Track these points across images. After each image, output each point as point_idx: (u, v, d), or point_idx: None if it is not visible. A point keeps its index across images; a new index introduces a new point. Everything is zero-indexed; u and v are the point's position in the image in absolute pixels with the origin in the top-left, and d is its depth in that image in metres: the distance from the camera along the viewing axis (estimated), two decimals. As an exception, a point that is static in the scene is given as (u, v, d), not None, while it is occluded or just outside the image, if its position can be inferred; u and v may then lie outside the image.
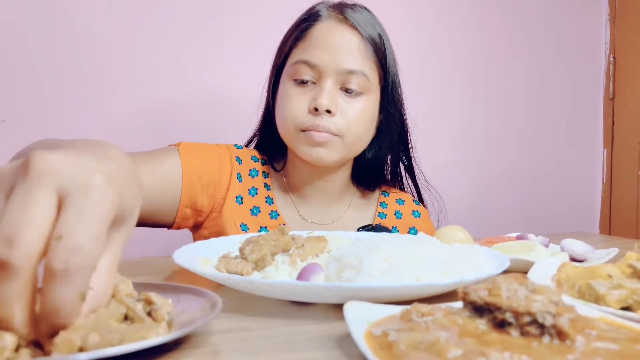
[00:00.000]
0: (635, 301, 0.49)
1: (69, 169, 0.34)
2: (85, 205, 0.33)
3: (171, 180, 0.88)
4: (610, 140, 2.14)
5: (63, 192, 0.34)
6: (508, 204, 1.99)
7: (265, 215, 0.99)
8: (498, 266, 0.59)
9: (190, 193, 0.90)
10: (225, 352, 0.41)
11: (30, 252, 0.31)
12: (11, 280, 0.31)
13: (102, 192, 0.34)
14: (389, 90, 0.98)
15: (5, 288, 0.31)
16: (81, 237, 0.32)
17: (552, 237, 0.89)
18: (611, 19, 2.13)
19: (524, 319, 0.37)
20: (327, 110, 0.90)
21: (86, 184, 0.34)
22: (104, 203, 0.34)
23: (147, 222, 0.88)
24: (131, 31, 1.42)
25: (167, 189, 0.88)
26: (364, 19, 0.94)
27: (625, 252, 0.60)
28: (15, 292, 0.31)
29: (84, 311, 0.35)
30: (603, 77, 2.15)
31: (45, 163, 0.33)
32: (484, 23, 1.92)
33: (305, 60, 0.92)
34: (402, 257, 0.57)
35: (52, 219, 0.33)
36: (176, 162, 0.89)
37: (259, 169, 1.02)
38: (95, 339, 0.34)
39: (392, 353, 0.35)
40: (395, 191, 1.12)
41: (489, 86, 1.94)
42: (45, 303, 0.32)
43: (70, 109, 1.36)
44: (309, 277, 0.57)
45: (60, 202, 0.33)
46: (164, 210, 0.89)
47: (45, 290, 0.32)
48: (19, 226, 0.31)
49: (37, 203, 0.32)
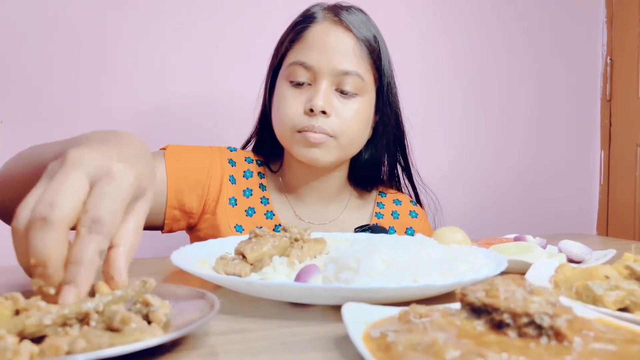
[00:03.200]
0: (633, 302, 0.49)
1: (96, 160, 0.44)
2: (107, 187, 0.43)
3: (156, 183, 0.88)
4: (607, 142, 2.15)
5: (92, 178, 0.43)
6: (506, 205, 1.99)
7: (260, 215, 0.99)
8: (496, 267, 0.59)
9: (176, 194, 0.91)
10: (222, 354, 0.41)
11: (64, 214, 0.40)
12: (49, 231, 0.39)
13: (121, 176, 0.44)
14: (384, 91, 0.98)
15: (44, 237, 0.39)
16: (100, 211, 0.41)
17: (550, 239, 0.89)
18: (608, 21, 2.13)
19: (522, 320, 0.37)
20: (323, 111, 0.90)
21: (108, 171, 0.44)
22: (122, 184, 0.44)
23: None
24: (127, 32, 1.42)
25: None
26: (359, 21, 0.95)
27: (623, 254, 0.60)
28: (50, 241, 0.39)
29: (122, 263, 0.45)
30: (600, 78, 2.16)
31: (78, 156, 0.44)
32: (482, 25, 1.92)
33: (300, 61, 0.92)
34: (400, 258, 0.57)
35: (83, 195, 0.42)
36: (161, 165, 0.90)
37: (254, 170, 1.02)
38: (82, 345, 0.34)
39: (390, 354, 0.35)
40: (393, 192, 1.12)
41: (486, 87, 1.95)
42: (70, 254, 0.41)
43: (67, 109, 1.36)
44: (307, 279, 0.57)
45: (91, 186, 0.43)
46: (152, 212, 0.88)
47: (72, 246, 0.41)
48: (57, 194, 0.40)
49: (72, 181, 0.42)
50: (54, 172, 0.43)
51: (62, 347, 0.34)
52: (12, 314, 0.39)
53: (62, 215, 0.40)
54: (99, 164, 0.44)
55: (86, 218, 0.41)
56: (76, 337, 0.35)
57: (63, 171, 0.42)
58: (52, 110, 1.35)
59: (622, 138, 2.10)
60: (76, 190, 0.41)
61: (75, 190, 0.41)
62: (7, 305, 0.39)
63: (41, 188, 0.43)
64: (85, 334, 0.35)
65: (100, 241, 0.41)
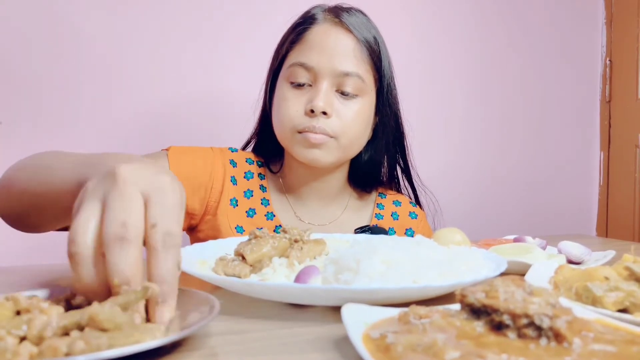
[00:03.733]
0: (632, 303, 0.49)
1: (145, 174, 0.45)
2: (164, 200, 0.44)
3: None
4: (607, 143, 2.15)
5: (145, 193, 0.44)
6: (505, 206, 1.99)
7: (261, 216, 0.99)
8: (495, 268, 0.59)
9: None
10: (222, 355, 0.41)
11: (139, 232, 0.42)
12: (129, 250, 0.41)
13: (173, 188, 0.45)
14: (384, 92, 0.98)
15: (125, 256, 0.40)
16: (169, 223, 0.43)
17: (549, 240, 0.89)
18: (607, 22, 2.14)
19: (522, 321, 0.37)
20: (323, 112, 0.90)
21: (160, 183, 0.45)
22: (177, 196, 0.45)
23: None
24: (128, 34, 1.42)
25: None
26: (360, 22, 0.95)
27: (622, 255, 0.60)
28: (132, 260, 0.41)
29: None
30: (599, 80, 2.16)
31: (128, 172, 0.44)
32: (482, 26, 1.93)
33: (301, 62, 0.92)
34: (400, 259, 0.57)
35: (144, 212, 0.43)
36: (164, 166, 0.90)
37: (255, 171, 1.02)
38: (81, 346, 0.34)
39: (389, 355, 0.35)
40: (392, 193, 1.12)
41: (486, 89, 1.95)
42: (153, 274, 0.42)
43: (67, 110, 1.36)
44: (307, 280, 0.57)
45: (145, 201, 0.44)
46: None
47: (152, 264, 0.42)
48: (125, 213, 0.41)
49: (132, 199, 0.43)
50: (105, 192, 0.43)
51: (60, 348, 0.34)
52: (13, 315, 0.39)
53: (137, 233, 0.41)
54: (151, 178, 0.45)
55: (157, 232, 0.42)
56: (75, 338, 0.35)
57: (120, 189, 0.43)
58: (52, 110, 1.35)
59: (621, 139, 2.10)
60: (139, 207, 0.43)
61: (139, 207, 0.43)
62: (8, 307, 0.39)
63: (94, 210, 0.43)
64: (84, 335, 0.35)
65: (176, 254, 0.43)
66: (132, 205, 0.42)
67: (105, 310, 0.37)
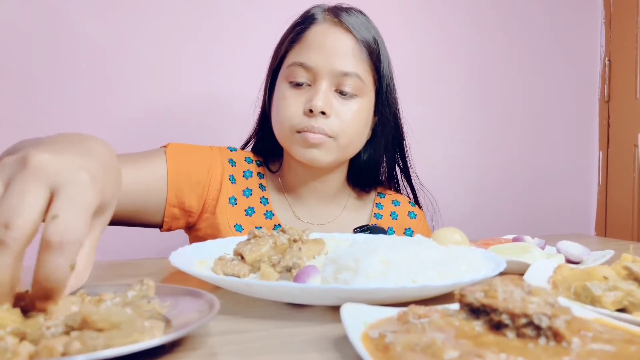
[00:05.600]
0: (631, 303, 0.49)
1: (60, 166, 0.41)
2: (74, 194, 0.40)
3: (157, 180, 0.89)
4: (605, 143, 2.15)
5: (55, 186, 0.40)
6: (504, 206, 1.99)
7: (260, 215, 0.99)
8: (494, 268, 0.59)
9: (177, 193, 0.91)
10: (222, 354, 0.41)
11: (21, 235, 0.37)
12: (3, 255, 0.37)
13: (87, 186, 0.41)
14: (384, 92, 0.98)
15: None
16: (73, 218, 0.38)
17: (548, 239, 0.89)
18: (606, 22, 2.14)
19: (520, 320, 0.37)
20: (322, 111, 0.90)
21: (74, 179, 0.40)
22: (89, 194, 0.41)
23: (136, 222, 0.89)
24: (127, 33, 1.42)
25: (153, 189, 0.89)
26: (359, 23, 0.95)
27: (621, 254, 0.60)
28: (5, 265, 0.37)
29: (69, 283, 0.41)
30: (598, 79, 2.16)
31: (40, 161, 0.40)
32: (481, 27, 1.93)
33: (300, 62, 0.92)
34: (399, 259, 0.57)
35: (43, 209, 0.39)
36: (162, 163, 0.90)
37: (254, 170, 1.02)
38: (77, 347, 0.34)
39: (388, 355, 0.35)
40: (391, 193, 1.12)
41: (485, 89, 1.95)
42: (40, 269, 0.37)
43: (66, 110, 1.36)
44: (306, 279, 0.57)
45: (52, 194, 0.40)
46: (151, 209, 0.89)
47: (42, 259, 0.37)
48: (14, 212, 0.37)
49: (31, 194, 0.38)
50: (11, 176, 0.40)
51: (56, 348, 0.34)
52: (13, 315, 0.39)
53: (17, 235, 0.37)
54: (63, 171, 0.40)
55: (56, 224, 0.38)
56: (72, 338, 0.35)
57: (22, 179, 0.39)
58: (51, 110, 1.35)
59: (620, 139, 2.10)
60: (36, 203, 0.38)
61: (35, 202, 0.38)
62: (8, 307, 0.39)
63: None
64: (81, 335, 0.35)
65: (72, 252, 0.38)
66: (27, 202, 0.38)
67: (99, 311, 0.37)
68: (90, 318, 0.36)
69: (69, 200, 0.39)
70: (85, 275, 0.43)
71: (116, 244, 1.22)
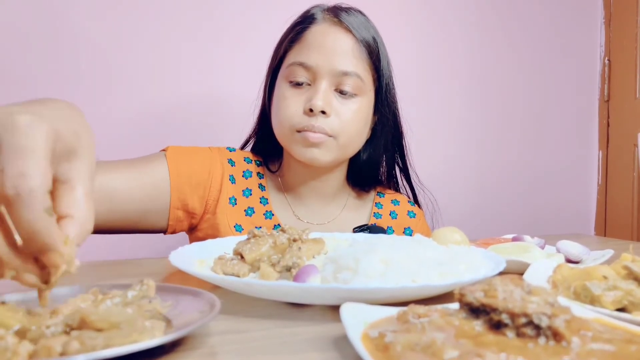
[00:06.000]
0: (630, 302, 0.49)
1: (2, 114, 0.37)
2: (18, 140, 0.36)
3: (159, 184, 0.89)
4: (605, 142, 2.15)
5: None
6: (504, 205, 1.99)
7: (259, 215, 0.99)
8: (494, 268, 0.60)
9: (179, 195, 0.91)
10: (222, 354, 0.41)
11: None
12: None
13: (31, 126, 0.37)
14: (383, 92, 0.99)
15: None
16: (21, 164, 0.35)
17: (548, 239, 0.89)
18: (606, 21, 2.14)
19: (520, 320, 0.37)
20: (322, 111, 0.91)
21: (14, 124, 0.37)
22: (36, 134, 0.37)
23: (140, 227, 0.89)
24: (126, 33, 1.42)
25: (156, 193, 0.89)
26: (358, 22, 0.95)
27: (621, 254, 0.60)
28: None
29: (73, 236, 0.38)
30: (598, 79, 2.16)
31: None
32: (480, 26, 1.93)
33: (300, 62, 0.92)
34: (399, 258, 0.57)
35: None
36: (163, 167, 0.91)
37: (253, 170, 1.03)
38: (76, 347, 0.34)
39: (388, 354, 0.35)
40: (391, 192, 1.13)
41: (485, 88, 1.95)
42: (20, 229, 0.35)
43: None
44: (306, 279, 0.57)
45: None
46: (156, 214, 0.90)
47: (13, 218, 0.35)
48: None
49: None
50: None
51: (55, 348, 0.34)
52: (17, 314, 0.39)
53: None
54: (3, 120, 0.37)
55: (7, 177, 0.35)
56: (70, 338, 0.35)
57: None
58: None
59: (620, 138, 2.10)
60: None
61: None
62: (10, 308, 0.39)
63: None
64: (79, 335, 0.35)
65: (37, 198, 0.35)
66: None
67: (98, 311, 0.37)
68: (88, 318, 0.36)
69: (11, 148, 0.36)
70: (89, 223, 0.40)
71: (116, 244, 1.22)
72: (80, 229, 0.39)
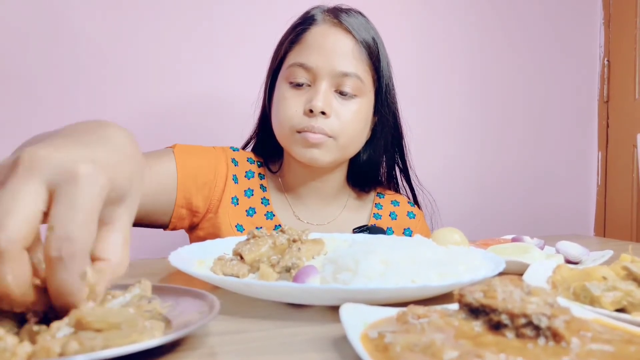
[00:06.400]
0: (630, 303, 0.49)
1: (56, 161, 0.36)
2: (73, 195, 0.36)
3: (166, 181, 0.89)
4: (604, 143, 2.15)
5: (52, 185, 0.36)
6: (503, 206, 1.99)
7: (260, 216, 0.99)
8: (493, 268, 0.60)
9: (185, 194, 0.91)
10: (222, 354, 0.41)
11: (14, 237, 0.34)
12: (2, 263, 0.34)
13: (89, 180, 0.37)
14: (383, 93, 0.99)
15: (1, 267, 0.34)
16: (70, 226, 0.35)
17: (547, 240, 0.89)
18: (605, 22, 2.14)
19: (520, 320, 0.37)
20: (322, 112, 0.91)
21: (73, 174, 0.36)
22: (92, 190, 0.37)
23: (144, 222, 0.89)
24: (126, 33, 1.42)
25: (163, 190, 0.89)
26: (358, 23, 0.95)
27: (620, 254, 0.60)
28: (6, 272, 0.34)
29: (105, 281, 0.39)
30: (598, 80, 2.16)
31: (33, 158, 0.36)
32: (480, 26, 1.93)
33: (300, 63, 0.93)
34: (398, 259, 0.57)
35: (40, 209, 0.35)
36: (171, 164, 0.90)
37: (255, 171, 1.03)
38: (75, 347, 0.34)
39: (388, 355, 0.35)
40: (391, 193, 1.13)
41: (484, 89, 1.95)
42: (50, 287, 0.36)
43: (64, 111, 1.36)
44: (305, 279, 0.57)
45: (52, 195, 0.36)
46: (160, 210, 0.90)
47: (48, 276, 0.36)
48: (5, 213, 0.34)
49: (25, 194, 0.35)
50: (3, 179, 0.36)
51: (53, 348, 0.34)
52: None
53: (10, 237, 0.34)
54: (60, 166, 0.36)
55: (54, 238, 0.35)
56: (69, 338, 0.35)
57: (13, 179, 0.35)
58: (51, 111, 1.34)
59: (619, 139, 2.10)
60: (30, 202, 0.35)
61: (29, 201, 0.35)
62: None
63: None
64: (78, 336, 0.35)
65: (76, 263, 0.35)
66: (20, 201, 0.34)
67: (95, 312, 0.37)
68: (84, 319, 0.36)
69: (66, 204, 0.35)
70: (121, 268, 0.41)
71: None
72: (112, 275, 0.40)
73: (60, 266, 0.35)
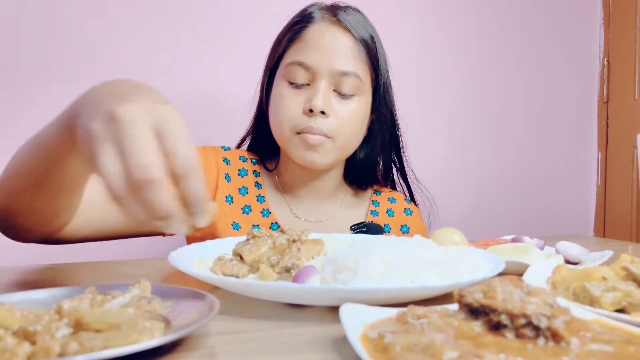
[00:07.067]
0: (629, 303, 0.49)
1: (146, 110, 0.46)
2: (172, 127, 0.46)
3: None
4: (604, 144, 2.15)
5: (154, 127, 0.45)
6: (503, 206, 1.99)
7: (257, 213, 0.99)
8: (493, 268, 0.60)
9: None
10: (221, 354, 0.41)
11: (159, 169, 0.43)
12: (158, 190, 0.43)
13: (174, 115, 0.47)
14: (381, 91, 0.99)
15: (157, 196, 0.43)
16: (184, 147, 0.45)
17: (547, 240, 0.89)
18: (605, 22, 2.14)
19: (519, 321, 0.37)
20: (322, 111, 0.90)
21: (164, 115, 0.46)
22: (181, 121, 0.47)
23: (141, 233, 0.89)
24: (121, 31, 1.42)
25: None
26: (356, 21, 0.95)
27: (620, 255, 0.60)
28: (164, 197, 0.43)
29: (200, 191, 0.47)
30: (597, 80, 2.16)
31: (130, 113, 0.45)
32: (480, 26, 1.93)
33: (299, 61, 0.92)
34: (398, 259, 0.57)
35: (157, 147, 0.44)
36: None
37: (249, 169, 1.03)
38: (74, 348, 0.34)
39: (387, 355, 0.35)
40: (387, 190, 1.13)
41: (484, 89, 1.95)
42: (186, 196, 0.45)
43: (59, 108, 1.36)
44: (305, 280, 0.57)
45: (157, 133, 0.45)
46: None
47: (183, 189, 0.45)
48: (143, 155, 0.43)
49: (142, 138, 0.44)
50: (113, 135, 0.44)
51: (53, 348, 0.34)
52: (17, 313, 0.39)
53: (158, 171, 0.43)
54: (154, 113, 0.46)
55: (177, 159, 0.44)
56: (68, 339, 0.35)
57: (127, 132, 0.44)
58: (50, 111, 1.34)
59: (619, 139, 2.10)
60: (152, 145, 0.44)
61: (151, 144, 0.44)
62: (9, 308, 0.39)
63: (107, 155, 0.44)
64: (78, 336, 0.35)
65: (199, 172, 0.45)
66: (145, 145, 0.43)
67: (94, 312, 0.37)
68: (83, 320, 0.36)
69: (172, 135, 0.45)
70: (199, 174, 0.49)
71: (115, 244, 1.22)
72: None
73: (190, 179, 0.45)
